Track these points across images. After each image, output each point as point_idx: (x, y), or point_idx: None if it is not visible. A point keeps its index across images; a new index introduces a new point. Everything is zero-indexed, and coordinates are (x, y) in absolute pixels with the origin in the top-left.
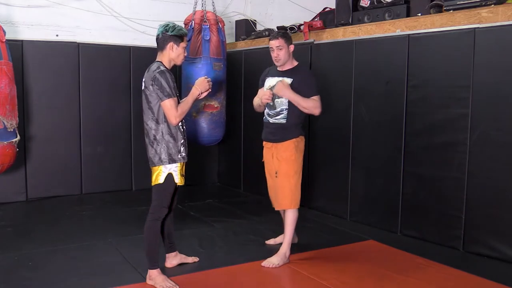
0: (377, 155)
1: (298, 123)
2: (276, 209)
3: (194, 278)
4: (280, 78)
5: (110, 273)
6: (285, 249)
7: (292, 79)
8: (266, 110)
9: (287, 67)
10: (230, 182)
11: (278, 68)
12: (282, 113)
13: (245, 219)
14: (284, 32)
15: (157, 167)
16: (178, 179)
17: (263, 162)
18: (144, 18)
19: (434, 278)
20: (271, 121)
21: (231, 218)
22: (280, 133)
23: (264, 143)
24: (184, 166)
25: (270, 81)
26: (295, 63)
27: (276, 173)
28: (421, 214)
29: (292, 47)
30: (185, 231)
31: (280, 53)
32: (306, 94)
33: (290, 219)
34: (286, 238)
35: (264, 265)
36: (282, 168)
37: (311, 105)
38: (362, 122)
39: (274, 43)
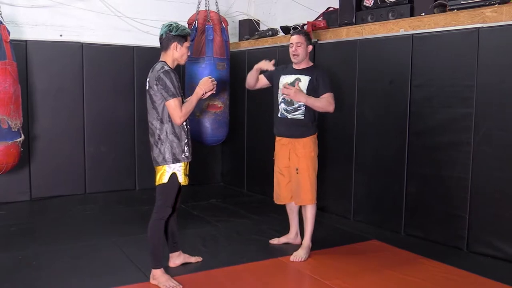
0: (380, 154)
1: (315, 119)
2: (281, 203)
3: (197, 278)
4: (297, 76)
5: (114, 272)
6: (308, 242)
7: (310, 77)
8: (283, 106)
9: (303, 66)
10: (233, 182)
11: (294, 66)
12: (300, 109)
13: (249, 219)
14: (306, 32)
15: (161, 166)
16: (182, 179)
17: (273, 159)
18: (147, 18)
19: (437, 278)
20: (289, 117)
21: (235, 218)
22: (299, 130)
23: (278, 138)
24: (188, 166)
25: (287, 79)
26: (311, 63)
27: (296, 169)
28: (424, 214)
29: (310, 47)
30: (189, 230)
31: (299, 49)
32: (320, 91)
33: (311, 213)
34: (308, 231)
35: (293, 260)
36: (302, 164)
37: (325, 104)
38: (365, 121)
39: (294, 39)
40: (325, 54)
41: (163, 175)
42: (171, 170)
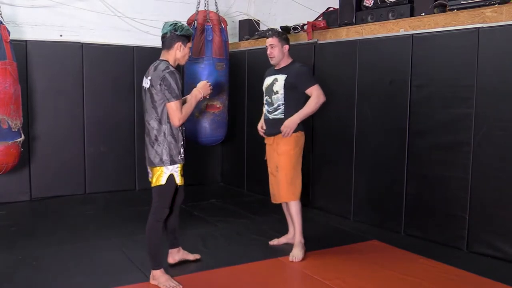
0: (380, 155)
1: None
2: (276, 202)
3: (197, 278)
4: (275, 76)
5: (114, 272)
6: (299, 238)
7: (286, 75)
8: (266, 107)
9: (282, 65)
10: (233, 182)
11: (274, 67)
12: (280, 108)
13: (249, 219)
14: (280, 32)
15: (157, 168)
16: (179, 180)
17: (265, 160)
18: (147, 18)
19: (437, 278)
20: (270, 117)
21: (235, 218)
22: (280, 128)
23: (265, 139)
24: (183, 168)
25: (267, 80)
26: (290, 60)
27: (277, 167)
28: (424, 214)
29: (286, 47)
30: (189, 231)
31: (273, 51)
32: (303, 88)
33: (293, 210)
34: (296, 228)
35: (292, 260)
36: (281, 161)
37: (314, 104)
38: (365, 121)
39: (268, 42)
40: (325, 54)
41: (160, 176)
42: (168, 171)
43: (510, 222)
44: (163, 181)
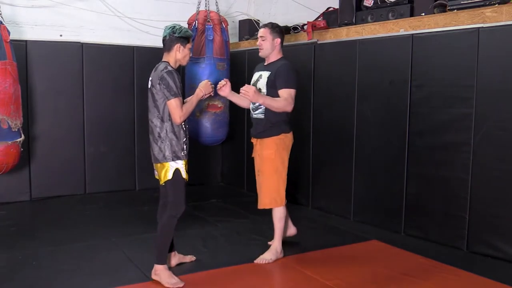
0: (380, 155)
1: (279, 119)
2: (259, 207)
3: (197, 278)
4: (261, 73)
5: (114, 272)
6: (276, 244)
7: (269, 72)
8: (251, 105)
9: (270, 60)
10: (233, 182)
11: (264, 62)
12: (260, 108)
13: (249, 219)
14: (273, 24)
15: (162, 164)
16: (185, 175)
17: (253, 157)
18: (147, 18)
19: (437, 278)
20: (253, 116)
21: (235, 218)
22: (261, 129)
23: (251, 139)
24: (187, 164)
25: (254, 76)
26: (279, 56)
27: (258, 171)
28: (424, 214)
29: (278, 41)
30: (189, 231)
31: (263, 43)
32: (278, 87)
33: (275, 217)
34: (276, 235)
35: (257, 262)
36: (263, 166)
37: (282, 104)
38: (365, 121)
39: (258, 33)
40: (325, 54)
41: (167, 172)
42: (174, 166)
43: (510, 222)
44: (170, 175)
